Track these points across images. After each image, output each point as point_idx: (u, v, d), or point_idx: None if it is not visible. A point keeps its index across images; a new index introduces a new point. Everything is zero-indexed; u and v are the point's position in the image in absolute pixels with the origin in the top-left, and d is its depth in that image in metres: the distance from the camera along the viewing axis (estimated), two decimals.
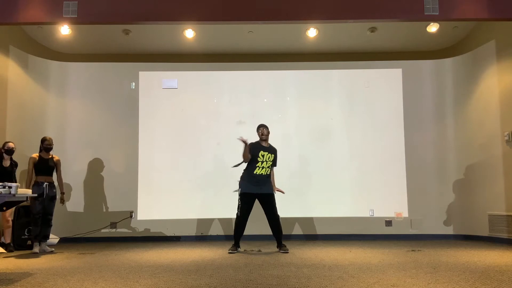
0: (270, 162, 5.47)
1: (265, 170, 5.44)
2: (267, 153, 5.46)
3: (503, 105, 6.35)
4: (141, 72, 7.51)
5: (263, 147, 5.48)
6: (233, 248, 5.40)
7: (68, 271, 4.04)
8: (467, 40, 7.13)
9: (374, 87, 7.49)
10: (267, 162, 5.44)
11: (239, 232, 5.48)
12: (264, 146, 5.50)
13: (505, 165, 6.28)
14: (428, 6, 5.25)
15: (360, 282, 3.38)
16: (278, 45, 7.30)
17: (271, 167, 5.54)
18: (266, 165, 5.44)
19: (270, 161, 5.47)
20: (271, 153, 5.50)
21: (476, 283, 3.32)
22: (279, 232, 5.48)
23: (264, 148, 5.48)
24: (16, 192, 3.83)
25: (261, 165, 5.42)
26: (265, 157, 5.44)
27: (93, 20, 5.45)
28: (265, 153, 5.45)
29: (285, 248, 5.38)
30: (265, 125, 5.59)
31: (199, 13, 5.36)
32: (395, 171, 7.30)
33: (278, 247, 5.46)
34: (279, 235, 5.48)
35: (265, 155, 5.44)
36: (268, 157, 5.45)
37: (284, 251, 5.32)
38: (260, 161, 5.41)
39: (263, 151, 5.45)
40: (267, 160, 5.44)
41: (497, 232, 6.35)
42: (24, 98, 6.80)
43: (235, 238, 5.50)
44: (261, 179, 5.44)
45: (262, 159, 5.42)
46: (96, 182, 7.27)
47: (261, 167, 5.42)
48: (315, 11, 5.33)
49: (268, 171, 5.48)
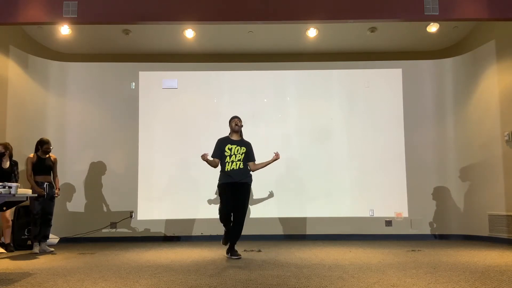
0: (241, 155, 5.04)
1: (237, 164, 5.01)
2: (235, 146, 5.07)
3: (503, 105, 6.35)
4: (141, 72, 7.51)
5: (230, 141, 5.13)
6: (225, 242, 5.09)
7: (68, 271, 4.04)
8: (467, 40, 7.13)
9: (374, 87, 7.49)
10: (236, 155, 5.03)
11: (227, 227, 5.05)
12: (232, 139, 5.14)
13: (505, 165, 6.28)
14: (428, 6, 5.25)
15: (360, 282, 3.38)
16: (278, 45, 7.30)
17: (244, 161, 5.06)
18: (236, 158, 5.02)
19: (241, 154, 5.04)
20: (241, 145, 5.10)
21: (476, 283, 3.32)
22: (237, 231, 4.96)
23: (232, 142, 5.11)
24: (16, 192, 3.83)
25: (230, 160, 5.02)
26: (233, 150, 5.05)
27: (93, 20, 5.45)
28: (232, 146, 5.07)
29: (236, 253, 4.93)
30: (238, 116, 5.25)
31: (199, 13, 5.36)
32: (395, 171, 7.30)
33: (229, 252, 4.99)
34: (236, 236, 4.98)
35: (232, 148, 5.06)
36: (236, 150, 5.05)
37: (235, 256, 4.88)
38: (228, 155, 5.03)
39: (230, 144, 5.09)
40: (235, 153, 5.04)
41: (497, 232, 6.35)
42: (24, 98, 6.80)
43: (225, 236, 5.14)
44: (236, 174, 4.99)
45: (230, 153, 5.04)
46: (96, 182, 7.27)
47: (230, 162, 5.01)
48: (315, 11, 5.33)
49: (241, 164, 5.02)
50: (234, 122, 5.17)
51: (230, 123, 5.21)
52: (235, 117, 5.23)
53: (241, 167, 5.04)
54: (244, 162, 5.07)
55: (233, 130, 5.17)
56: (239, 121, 5.17)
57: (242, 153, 5.07)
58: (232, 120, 5.20)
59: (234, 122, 5.16)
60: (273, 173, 6.94)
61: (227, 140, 5.16)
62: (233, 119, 5.20)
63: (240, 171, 5.02)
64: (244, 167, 5.08)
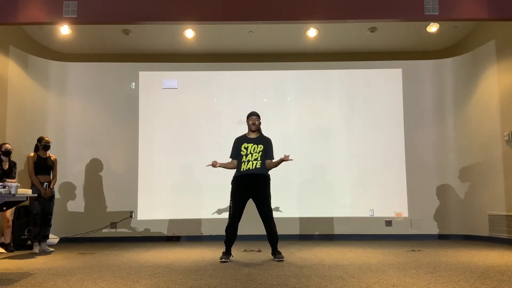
0: (258, 154, 4.73)
1: (254, 164, 4.70)
2: (251, 145, 4.77)
3: (503, 105, 6.35)
4: (141, 72, 7.51)
5: (247, 139, 4.83)
6: (225, 257, 4.65)
7: (68, 271, 4.04)
8: (467, 40, 7.13)
9: (374, 87, 7.49)
10: (252, 154, 4.73)
11: (227, 237, 4.76)
12: (249, 137, 4.84)
13: (505, 165, 6.28)
14: (428, 6, 5.25)
15: (360, 282, 3.38)
16: (278, 45, 7.30)
17: (262, 159, 4.76)
18: (253, 157, 4.72)
19: (257, 153, 4.73)
20: (259, 143, 4.78)
21: (476, 283, 3.31)
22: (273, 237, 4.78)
23: (249, 140, 4.81)
24: (16, 192, 3.83)
25: (246, 159, 4.72)
26: (249, 149, 4.76)
27: (93, 20, 5.45)
28: (249, 144, 4.77)
29: (280, 256, 4.70)
30: (256, 113, 4.88)
31: (199, 13, 5.36)
32: (395, 171, 7.30)
33: (273, 254, 4.77)
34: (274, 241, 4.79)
35: (249, 147, 4.76)
36: (253, 149, 4.75)
37: (278, 259, 4.66)
38: (244, 155, 4.74)
39: (246, 143, 4.79)
40: (252, 152, 4.74)
41: (497, 232, 6.35)
42: (24, 98, 6.80)
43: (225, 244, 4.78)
44: (251, 176, 4.71)
45: (246, 152, 4.75)
46: (96, 182, 7.27)
47: (246, 161, 4.72)
48: (315, 11, 5.33)
49: (257, 164, 4.71)
50: (251, 120, 4.83)
51: (247, 120, 4.88)
52: (252, 114, 4.87)
53: (258, 166, 4.71)
54: (262, 161, 4.75)
55: (249, 129, 4.87)
56: (256, 120, 4.83)
57: (259, 152, 4.75)
58: (249, 119, 4.85)
59: (251, 121, 4.82)
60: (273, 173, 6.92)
61: (243, 138, 4.86)
62: (249, 118, 4.85)
63: (258, 173, 4.73)
64: (262, 167, 4.75)
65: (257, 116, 4.86)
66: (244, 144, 4.80)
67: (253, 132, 4.85)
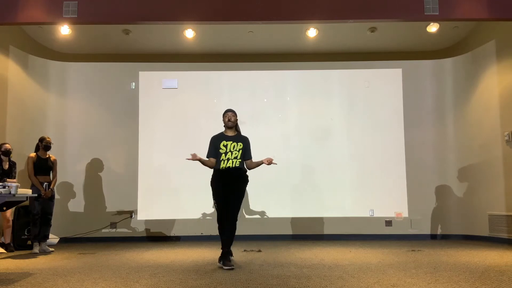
0: (238, 152, 4.56)
1: (233, 162, 4.53)
2: (231, 142, 4.58)
3: (503, 105, 6.35)
4: (141, 72, 7.51)
5: (225, 137, 4.63)
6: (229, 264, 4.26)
7: (68, 271, 4.04)
8: (467, 40, 7.13)
9: (374, 87, 7.49)
10: (232, 152, 4.55)
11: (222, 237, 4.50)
12: (227, 135, 4.65)
13: (505, 165, 6.28)
14: (428, 6, 5.26)
15: (360, 282, 3.38)
16: (278, 45, 7.30)
17: (241, 158, 4.59)
18: (232, 155, 4.54)
19: (237, 151, 4.56)
20: (238, 141, 4.61)
21: (476, 283, 3.32)
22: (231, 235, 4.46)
23: (227, 138, 4.62)
24: (16, 192, 3.83)
25: (226, 157, 4.53)
26: (229, 146, 4.57)
27: (93, 20, 5.45)
28: (228, 142, 4.59)
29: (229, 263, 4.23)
30: (232, 110, 4.69)
31: (199, 13, 5.36)
32: (395, 171, 7.30)
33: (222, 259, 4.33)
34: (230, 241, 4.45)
35: (228, 145, 4.57)
36: (233, 146, 4.57)
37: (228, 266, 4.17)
38: (223, 152, 4.55)
39: (225, 141, 4.59)
40: (232, 150, 4.55)
41: (497, 232, 6.35)
42: (24, 98, 6.80)
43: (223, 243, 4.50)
44: (230, 174, 4.53)
45: (226, 150, 4.56)
46: (96, 182, 7.27)
47: (226, 160, 4.53)
48: (315, 11, 5.33)
49: (237, 162, 4.54)
50: (226, 117, 4.65)
51: (223, 118, 4.70)
52: (228, 110, 4.70)
53: (237, 165, 4.55)
54: (241, 159, 4.60)
55: (226, 126, 4.68)
56: (232, 116, 4.63)
57: (239, 150, 4.59)
58: (225, 115, 4.67)
59: (227, 117, 4.64)
60: (273, 173, 6.93)
61: (221, 136, 4.67)
62: (225, 114, 4.68)
63: (236, 172, 4.56)
64: (241, 165, 4.60)
65: (233, 112, 4.68)
66: (223, 142, 4.62)
67: (230, 129, 4.67)
